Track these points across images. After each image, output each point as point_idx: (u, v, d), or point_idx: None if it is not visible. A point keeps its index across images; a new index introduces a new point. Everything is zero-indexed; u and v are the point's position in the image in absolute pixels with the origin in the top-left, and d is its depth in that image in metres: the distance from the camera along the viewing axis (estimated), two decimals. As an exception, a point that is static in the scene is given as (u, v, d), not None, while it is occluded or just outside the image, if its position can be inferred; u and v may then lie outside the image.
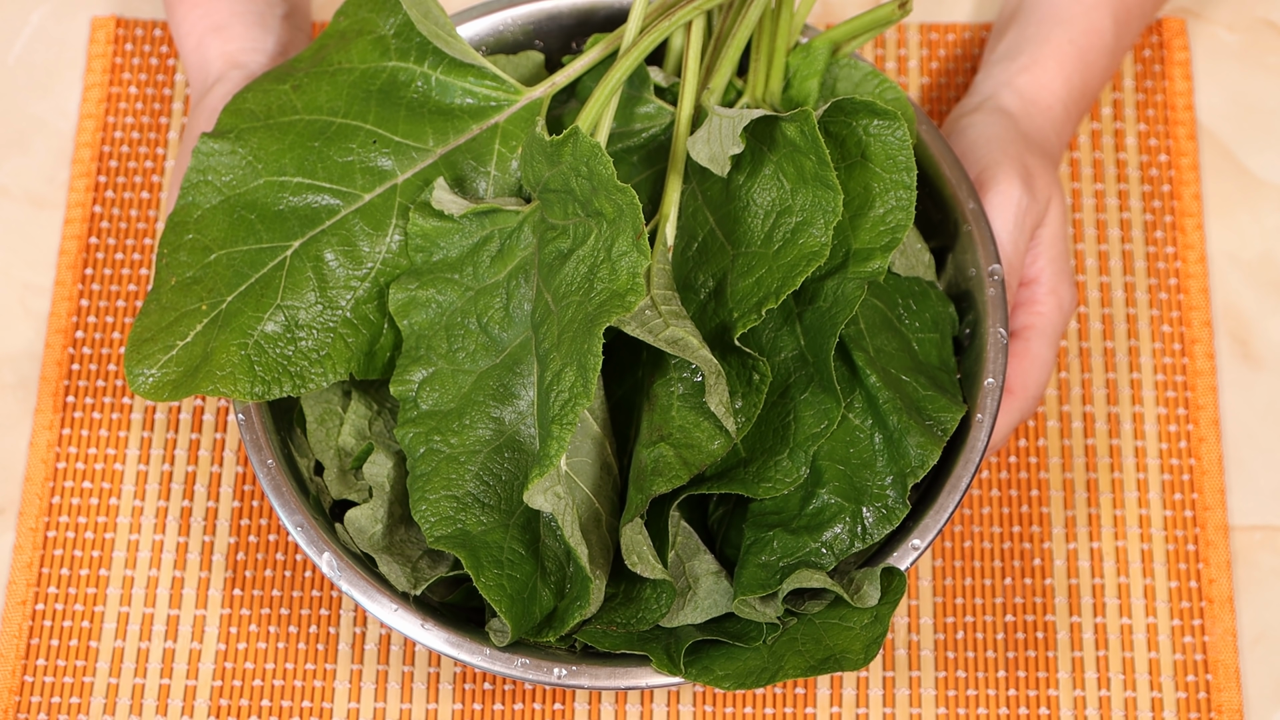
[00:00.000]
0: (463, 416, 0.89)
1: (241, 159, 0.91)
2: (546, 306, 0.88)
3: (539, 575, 0.87)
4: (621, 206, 0.85)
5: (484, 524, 0.87)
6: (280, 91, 0.92)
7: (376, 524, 0.91)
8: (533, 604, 0.87)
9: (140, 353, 0.88)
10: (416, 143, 0.91)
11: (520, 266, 0.90)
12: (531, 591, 0.86)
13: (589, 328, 0.84)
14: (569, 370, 0.84)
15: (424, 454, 0.88)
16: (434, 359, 0.90)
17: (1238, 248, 1.08)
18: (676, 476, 0.85)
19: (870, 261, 0.87)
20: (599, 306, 0.85)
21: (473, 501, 0.88)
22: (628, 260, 0.85)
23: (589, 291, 0.86)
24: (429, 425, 0.89)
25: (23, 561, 1.00)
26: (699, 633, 0.88)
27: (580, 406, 0.84)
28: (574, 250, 0.87)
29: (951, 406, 0.90)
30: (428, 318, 0.90)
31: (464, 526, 0.87)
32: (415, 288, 0.90)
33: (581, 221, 0.87)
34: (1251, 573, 1.01)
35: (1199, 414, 1.03)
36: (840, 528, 0.88)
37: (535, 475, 0.84)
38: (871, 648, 0.85)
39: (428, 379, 0.90)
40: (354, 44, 0.93)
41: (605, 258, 0.86)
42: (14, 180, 1.09)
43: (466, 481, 0.88)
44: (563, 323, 0.86)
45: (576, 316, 0.85)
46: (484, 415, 0.89)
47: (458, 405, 0.89)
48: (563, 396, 0.84)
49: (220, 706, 0.97)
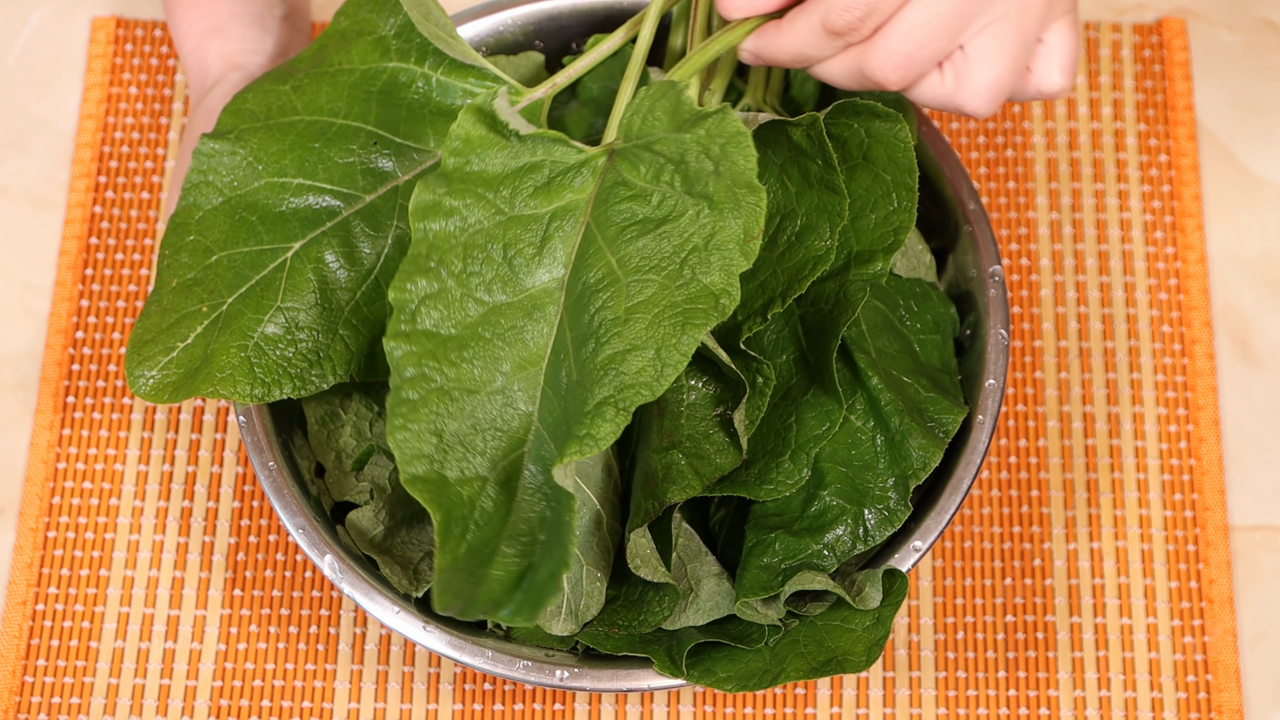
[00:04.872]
0: (464, 349, 0.83)
1: (242, 160, 0.91)
2: (611, 270, 0.82)
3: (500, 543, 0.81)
4: (742, 204, 0.80)
5: (462, 473, 0.81)
6: (280, 92, 0.92)
7: (378, 526, 0.91)
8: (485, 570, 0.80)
9: (141, 354, 0.88)
10: (418, 144, 0.91)
11: (568, 208, 0.85)
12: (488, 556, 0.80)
13: (681, 325, 0.80)
14: (640, 356, 0.80)
15: (413, 377, 0.82)
16: (444, 275, 0.83)
17: (1238, 248, 1.08)
18: (689, 486, 0.85)
19: (872, 263, 0.87)
20: (690, 300, 0.80)
21: (456, 444, 0.82)
22: (725, 258, 0.80)
23: (676, 277, 0.81)
24: (424, 346, 0.82)
25: (23, 561, 1.00)
26: (701, 635, 0.88)
27: (643, 399, 0.79)
28: (661, 224, 0.82)
29: (953, 408, 0.90)
30: (447, 229, 0.84)
31: (441, 470, 0.81)
32: (443, 193, 0.84)
33: (676, 196, 0.82)
34: (1251, 573, 1.01)
35: (1199, 414, 1.04)
36: (842, 529, 0.88)
37: (573, 452, 0.79)
38: (873, 649, 0.85)
39: (432, 295, 0.83)
40: (354, 45, 0.93)
41: (700, 246, 0.81)
42: (14, 180, 1.09)
43: (455, 420, 0.82)
44: (636, 298, 0.81)
45: (660, 300, 0.80)
46: (488, 354, 0.83)
47: (460, 334, 0.83)
48: (624, 380, 0.79)
49: (220, 707, 0.97)
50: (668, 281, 0.81)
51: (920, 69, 0.84)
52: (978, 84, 0.85)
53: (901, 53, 0.84)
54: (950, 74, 0.85)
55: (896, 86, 0.85)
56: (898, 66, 0.84)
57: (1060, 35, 0.87)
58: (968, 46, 0.85)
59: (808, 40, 0.85)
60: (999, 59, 0.85)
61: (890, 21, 0.83)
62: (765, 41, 0.86)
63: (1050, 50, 0.87)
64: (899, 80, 0.84)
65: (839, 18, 0.83)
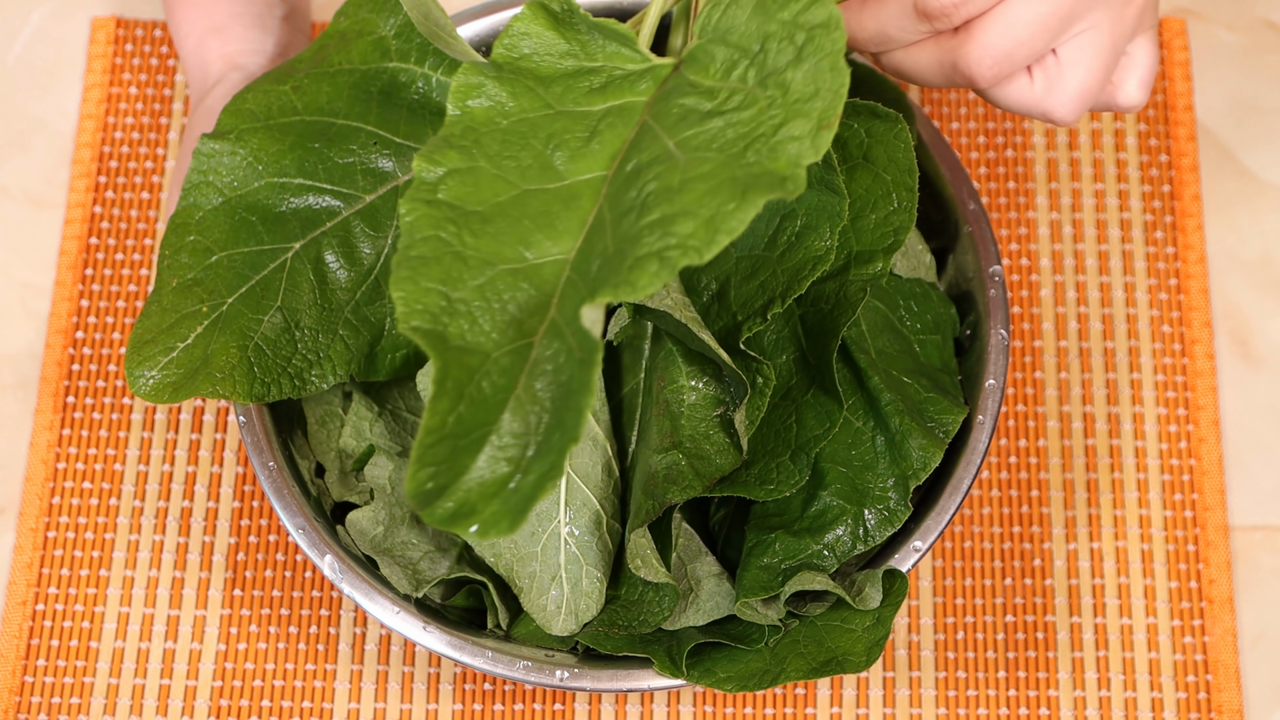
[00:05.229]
0: (487, 223, 0.77)
1: (242, 160, 0.91)
2: (666, 151, 0.76)
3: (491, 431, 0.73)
4: (821, 90, 0.75)
5: (466, 341, 0.74)
6: (280, 92, 0.92)
7: (378, 526, 0.91)
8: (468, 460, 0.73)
9: (141, 354, 0.88)
10: (418, 144, 0.91)
11: (623, 108, 0.80)
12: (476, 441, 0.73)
13: (741, 193, 0.73)
14: (692, 220, 0.73)
15: (427, 238, 0.76)
16: (476, 155, 0.78)
17: (1238, 248, 1.08)
18: (690, 486, 0.85)
19: (872, 263, 0.87)
20: (751, 178, 0.74)
21: (465, 312, 0.75)
22: (795, 147, 0.74)
23: (740, 158, 0.75)
24: (445, 213, 0.77)
25: (23, 561, 1.00)
26: (701, 635, 0.88)
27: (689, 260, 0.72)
28: (727, 114, 0.77)
29: (953, 408, 0.90)
30: (488, 110, 0.80)
31: (444, 330, 0.74)
32: (492, 76, 0.80)
33: (744, 91, 0.77)
34: (1251, 573, 1.01)
35: (1199, 414, 1.04)
36: (842, 530, 0.88)
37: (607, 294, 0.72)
38: (873, 650, 0.85)
39: (460, 171, 0.78)
40: (354, 45, 0.93)
41: (766, 134, 0.75)
42: (14, 180, 1.09)
43: (467, 289, 0.76)
44: (692, 172, 0.75)
45: (719, 174, 0.74)
46: (515, 233, 0.77)
47: (486, 211, 0.77)
48: (671, 240, 0.73)
49: (220, 707, 0.97)
50: (730, 160, 0.76)
51: (1015, 68, 0.83)
52: (1068, 90, 0.84)
53: (1000, 49, 0.82)
54: (1041, 78, 0.84)
55: (988, 84, 0.84)
56: (995, 63, 0.82)
57: (1143, 49, 0.86)
58: (1061, 52, 0.84)
59: (894, 20, 0.83)
60: (1091, 67, 0.84)
61: (991, 16, 0.82)
62: (846, 19, 0.84)
63: (1132, 63, 0.87)
64: (992, 78, 0.83)
65: (934, 0, 0.82)
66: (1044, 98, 0.85)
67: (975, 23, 0.82)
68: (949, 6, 0.82)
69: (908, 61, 0.85)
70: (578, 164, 0.79)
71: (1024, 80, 0.85)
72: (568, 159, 0.79)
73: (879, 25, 0.84)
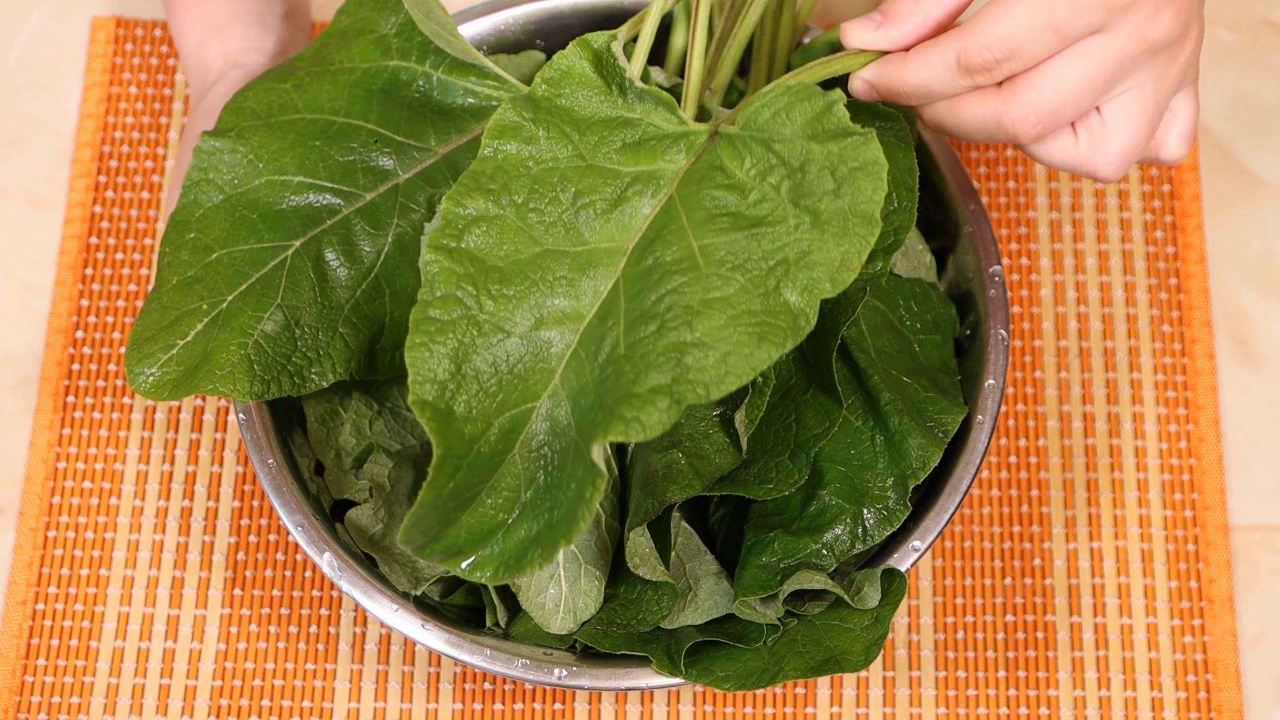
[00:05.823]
0: (506, 283, 0.79)
1: (243, 158, 0.91)
2: (691, 255, 0.78)
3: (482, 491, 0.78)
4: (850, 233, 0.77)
5: (470, 411, 0.78)
6: (281, 90, 0.92)
7: (377, 524, 0.91)
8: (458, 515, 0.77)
9: (141, 352, 0.88)
10: (418, 142, 0.91)
11: (654, 175, 0.81)
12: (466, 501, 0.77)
13: (758, 338, 0.76)
14: (707, 354, 0.76)
15: (445, 297, 0.79)
16: (504, 202, 0.80)
17: (1238, 248, 1.08)
18: (690, 485, 0.85)
19: (872, 263, 0.87)
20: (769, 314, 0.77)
21: (473, 379, 0.78)
22: (812, 280, 0.77)
23: (760, 284, 0.77)
24: (466, 268, 0.79)
25: (23, 561, 1.00)
26: (699, 634, 0.88)
27: (698, 398, 0.75)
28: (756, 224, 0.79)
29: (952, 408, 0.90)
30: (520, 155, 0.81)
31: (451, 403, 0.78)
32: (530, 117, 0.81)
33: (776, 201, 0.79)
34: (1251, 573, 1.01)
35: (1199, 414, 1.04)
36: (841, 529, 0.88)
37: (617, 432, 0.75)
38: (872, 649, 0.85)
39: (486, 218, 0.80)
40: (355, 43, 0.93)
41: (792, 260, 0.78)
42: (14, 180, 1.09)
43: (478, 355, 0.79)
44: (714, 293, 0.77)
45: (739, 302, 0.77)
46: (530, 297, 0.79)
47: (506, 268, 0.79)
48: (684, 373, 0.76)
49: (220, 706, 0.97)
50: (751, 286, 0.78)
51: (1058, 126, 0.83)
52: (1111, 149, 0.84)
53: (1045, 108, 0.82)
54: (1085, 137, 0.84)
55: (1030, 141, 0.84)
56: (1039, 120, 0.82)
57: (1185, 104, 0.86)
58: (1105, 110, 0.84)
59: (936, 74, 0.83)
60: (1136, 126, 0.84)
61: (1036, 73, 0.82)
62: (888, 71, 0.84)
63: (1175, 119, 0.87)
64: (1036, 135, 0.83)
65: (977, 55, 0.81)
66: (1088, 157, 0.84)
67: (1020, 79, 0.82)
68: (992, 62, 0.81)
69: (950, 116, 0.85)
70: (602, 229, 0.80)
71: (1068, 138, 0.84)
72: (592, 221, 0.80)
73: (921, 79, 0.83)
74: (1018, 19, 0.80)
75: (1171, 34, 0.82)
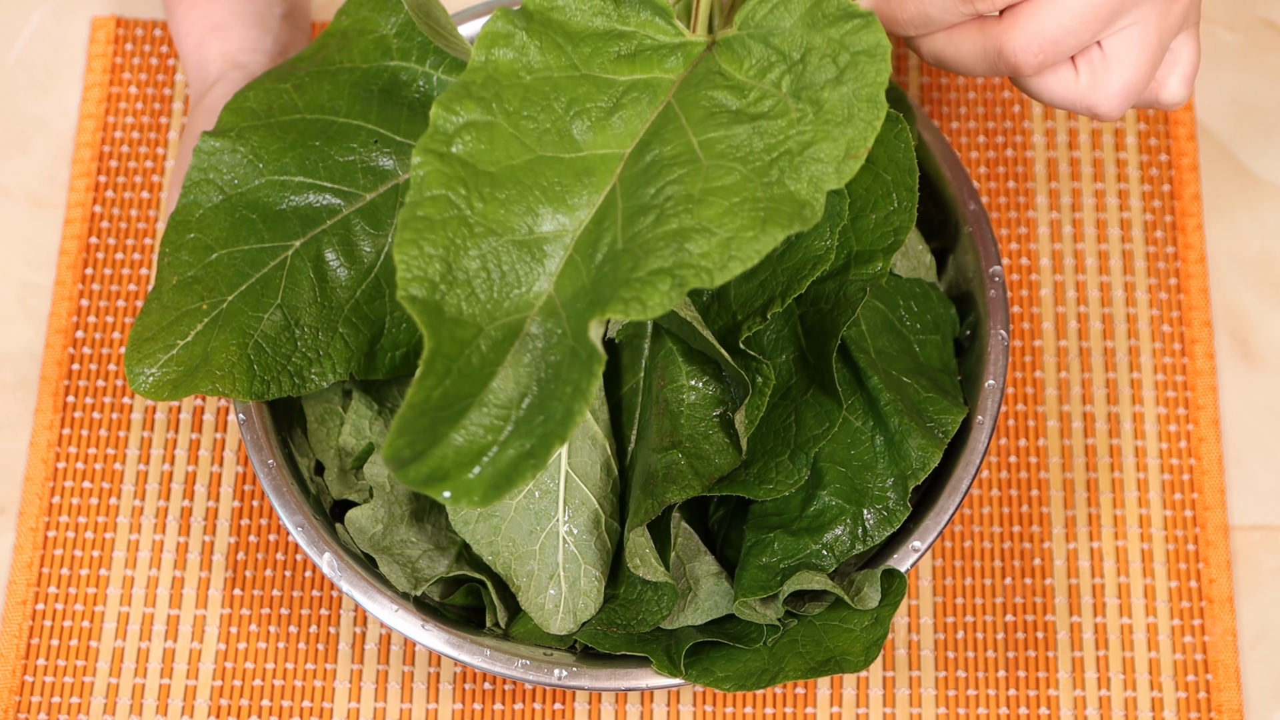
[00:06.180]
0: (498, 187, 0.77)
1: (243, 158, 0.91)
2: (690, 149, 0.76)
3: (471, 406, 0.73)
4: (854, 118, 0.75)
5: (460, 313, 0.75)
6: (281, 90, 0.92)
7: (377, 524, 0.91)
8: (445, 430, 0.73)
9: (141, 352, 0.88)
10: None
11: (650, 84, 0.79)
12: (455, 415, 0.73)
13: (761, 221, 0.73)
14: (709, 238, 0.73)
15: (436, 197, 0.76)
16: (494, 109, 0.77)
17: (1238, 248, 1.08)
18: (689, 486, 0.85)
19: (872, 263, 0.87)
20: (773, 201, 0.74)
21: (465, 281, 0.75)
22: (818, 170, 0.74)
23: (763, 174, 0.74)
24: (456, 171, 0.76)
25: (23, 561, 1.00)
26: (699, 634, 0.88)
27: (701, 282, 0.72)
28: (756, 119, 0.76)
29: (952, 409, 0.90)
30: (512, 63, 0.79)
31: (441, 302, 0.75)
32: (522, 26, 0.79)
33: (777, 97, 0.77)
34: (1251, 573, 1.01)
35: (1199, 414, 1.03)
36: (841, 529, 0.88)
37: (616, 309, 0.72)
38: (872, 650, 0.85)
39: (477, 124, 0.77)
40: (355, 43, 0.93)
41: (795, 151, 0.75)
42: (14, 180, 1.09)
43: (469, 257, 0.76)
44: (715, 182, 0.75)
45: (741, 190, 0.74)
46: (523, 201, 0.77)
47: (498, 174, 0.77)
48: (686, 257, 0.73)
49: (220, 706, 0.97)
50: (753, 175, 0.75)
51: (1060, 57, 0.82)
52: (1113, 84, 0.83)
53: (1047, 37, 0.81)
54: (1086, 72, 0.83)
55: (1031, 72, 0.82)
56: (1041, 50, 0.81)
57: (1186, 45, 0.86)
58: (1106, 45, 0.83)
59: (936, 1, 0.82)
60: (1138, 61, 0.83)
61: (1038, 2, 0.81)
62: None
63: (1176, 60, 0.86)
64: (1037, 65, 0.82)
65: None
66: (1089, 92, 0.83)
67: (1021, 8, 0.81)
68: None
69: (949, 47, 0.84)
70: (597, 137, 0.78)
71: (1068, 73, 0.83)
72: (587, 129, 0.78)
73: (920, 6, 0.82)
74: None
75: None
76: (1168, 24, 0.83)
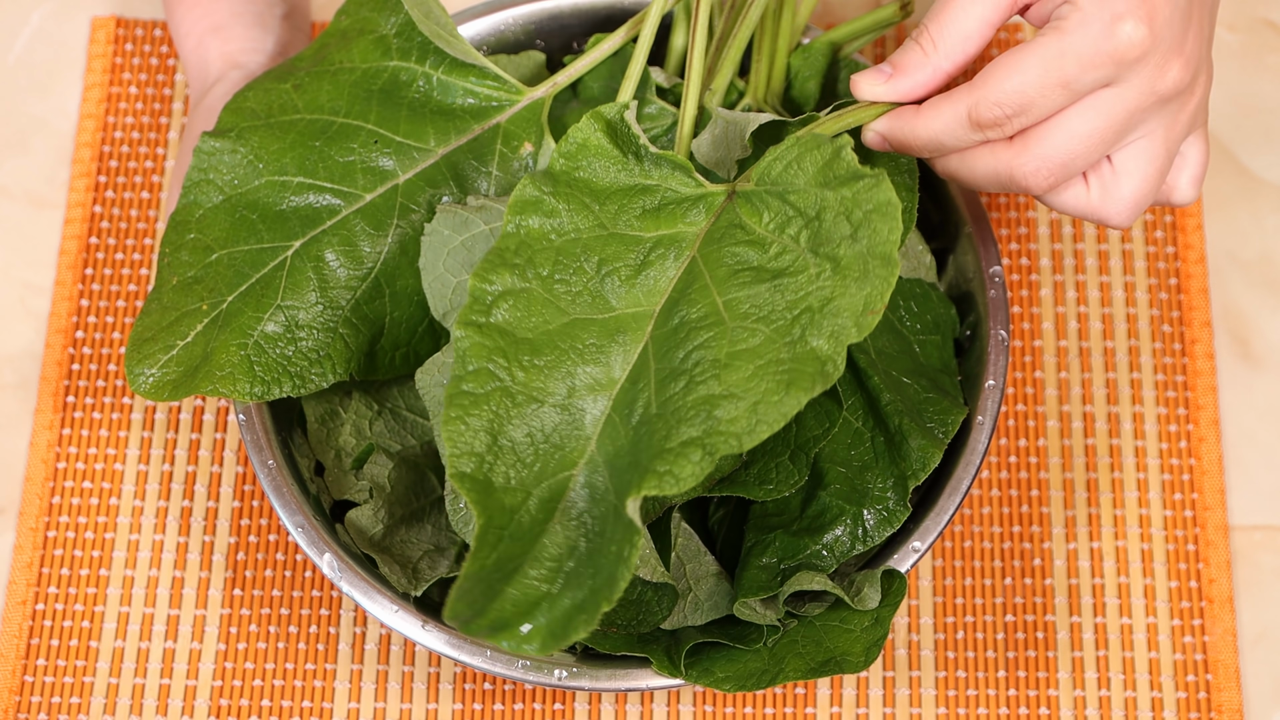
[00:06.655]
0: (537, 354, 0.80)
1: (243, 158, 0.91)
2: (715, 311, 0.80)
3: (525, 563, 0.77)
4: (871, 275, 0.77)
5: (508, 481, 0.79)
6: (281, 90, 0.92)
7: (377, 524, 0.91)
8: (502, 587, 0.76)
9: (141, 352, 0.88)
10: (418, 143, 0.91)
11: (675, 238, 0.83)
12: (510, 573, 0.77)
13: (785, 385, 0.76)
14: (736, 405, 0.77)
15: (477, 371, 0.79)
16: (529, 276, 0.81)
17: (1238, 248, 1.08)
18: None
19: (872, 264, 0.87)
20: (796, 361, 0.77)
21: (510, 450, 0.79)
22: (838, 325, 0.77)
23: (785, 333, 0.78)
24: (496, 341, 0.80)
25: (23, 561, 1.00)
26: (699, 634, 0.88)
27: (730, 449, 0.76)
28: (777, 276, 0.80)
29: (952, 409, 0.90)
30: (543, 229, 0.82)
31: (489, 474, 0.79)
32: (549, 191, 0.83)
33: (796, 252, 0.80)
34: (1251, 573, 1.01)
35: (1199, 414, 1.04)
36: (841, 530, 0.88)
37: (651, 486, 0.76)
38: (872, 650, 0.85)
39: (513, 292, 0.81)
40: (355, 43, 0.93)
41: (816, 308, 0.78)
42: (14, 180, 1.09)
43: (513, 426, 0.79)
44: (740, 345, 0.79)
45: (766, 352, 0.78)
46: (561, 366, 0.80)
47: (536, 340, 0.80)
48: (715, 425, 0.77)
49: (220, 706, 0.97)
50: (776, 335, 0.78)
51: (1070, 177, 0.83)
52: (1123, 197, 0.84)
53: (1056, 161, 0.82)
54: (1096, 185, 0.84)
55: (1041, 193, 0.84)
56: (1050, 173, 0.82)
57: (1195, 147, 0.86)
58: (1115, 159, 0.84)
59: (948, 129, 0.83)
60: (1146, 174, 0.84)
61: (1046, 127, 0.82)
62: (900, 124, 0.84)
63: (1185, 162, 0.87)
64: (1047, 187, 0.83)
65: (988, 111, 0.81)
66: (1100, 206, 0.85)
67: (1031, 133, 0.82)
68: (1003, 118, 0.81)
69: (963, 168, 0.85)
70: (628, 295, 0.81)
71: (1079, 187, 0.85)
72: (618, 287, 0.81)
73: (933, 133, 0.83)
74: (1028, 75, 0.80)
75: (1181, 84, 0.82)
76: (1174, 134, 0.84)
